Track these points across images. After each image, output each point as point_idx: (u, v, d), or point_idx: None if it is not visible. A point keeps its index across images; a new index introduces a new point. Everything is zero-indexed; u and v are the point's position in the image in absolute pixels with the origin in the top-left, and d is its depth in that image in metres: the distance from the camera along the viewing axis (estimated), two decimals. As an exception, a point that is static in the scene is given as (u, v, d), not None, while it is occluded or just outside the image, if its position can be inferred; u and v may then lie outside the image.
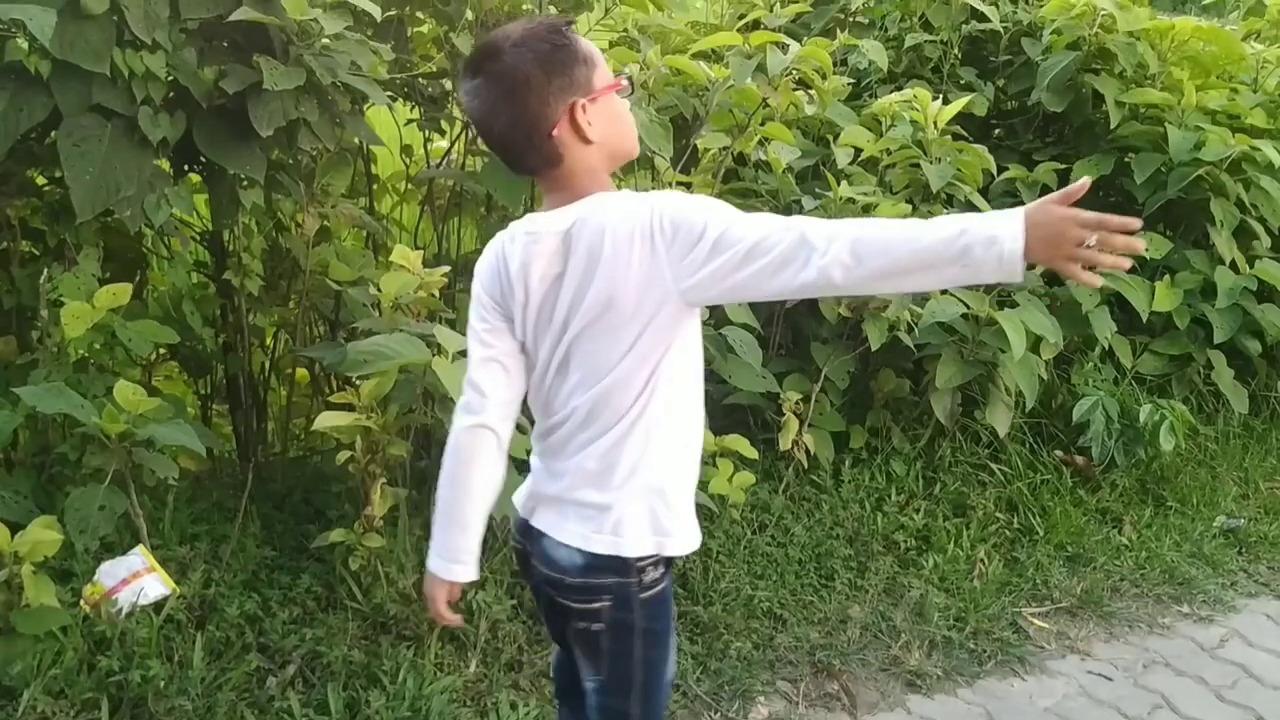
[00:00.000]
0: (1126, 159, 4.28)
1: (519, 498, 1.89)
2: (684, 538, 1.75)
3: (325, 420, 2.64)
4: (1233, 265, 4.23)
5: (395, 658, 2.62)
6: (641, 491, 1.70)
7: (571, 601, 1.75)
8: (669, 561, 1.77)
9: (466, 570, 1.83)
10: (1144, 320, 4.13)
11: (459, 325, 3.72)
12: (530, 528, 1.82)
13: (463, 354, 2.59)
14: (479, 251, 3.78)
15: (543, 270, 1.68)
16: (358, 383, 2.72)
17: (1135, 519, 3.80)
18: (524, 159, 1.69)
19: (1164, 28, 4.31)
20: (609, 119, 1.68)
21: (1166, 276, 4.19)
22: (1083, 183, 1.50)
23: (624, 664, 1.78)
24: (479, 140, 3.68)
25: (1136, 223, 1.49)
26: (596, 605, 1.73)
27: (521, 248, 1.71)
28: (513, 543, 1.94)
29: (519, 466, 2.79)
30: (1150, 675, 3.07)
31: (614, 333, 1.64)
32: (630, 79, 1.78)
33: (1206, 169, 4.13)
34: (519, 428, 1.89)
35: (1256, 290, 4.25)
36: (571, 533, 1.73)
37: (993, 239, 1.46)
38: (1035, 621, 3.24)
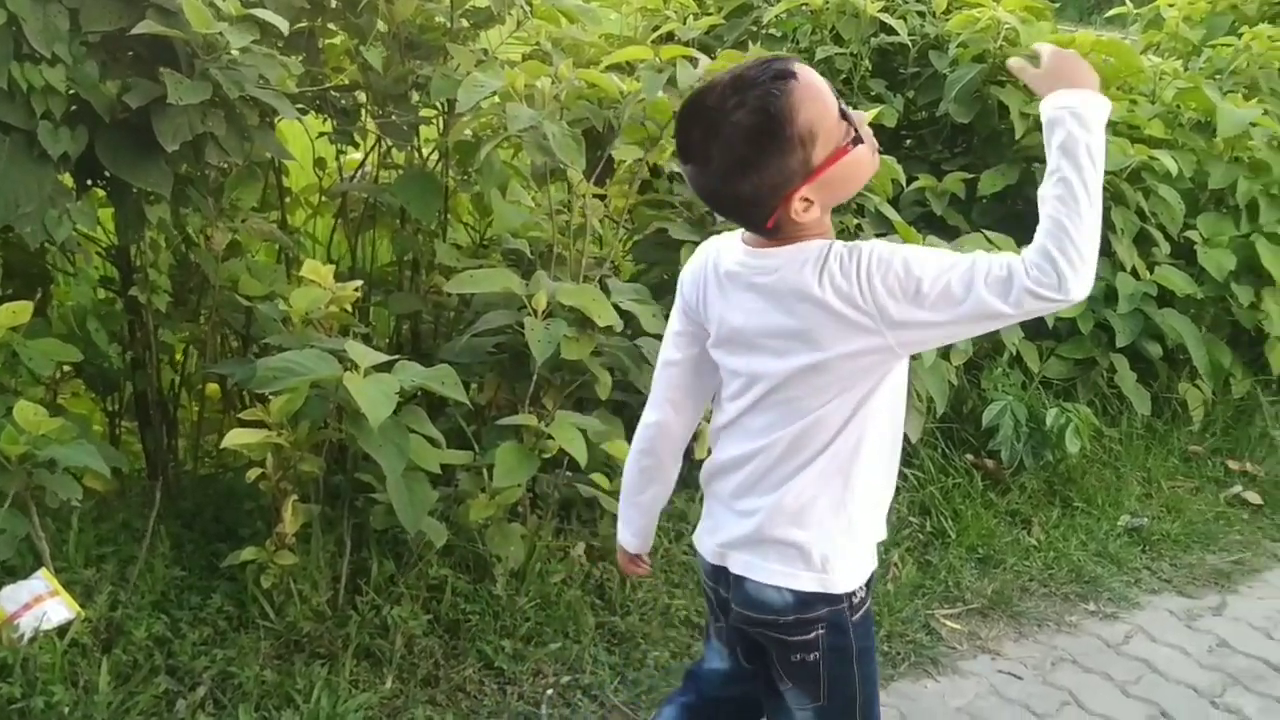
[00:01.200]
0: (1031, 168, 4.37)
1: (702, 542, 1.89)
2: (874, 558, 1.81)
3: (235, 438, 2.61)
4: (1133, 271, 4.35)
5: (309, 676, 2.60)
6: (846, 527, 1.72)
7: (786, 636, 1.76)
8: (870, 581, 1.80)
9: (634, 544, 2.06)
10: (1050, 326, 4.24)
11: (374, 340, 3.73)
12: (723, 572, 1.82)
13: (375, 369, 2.59)
14: (394, 265, 3.84)
15: None
16: (271, 398, 2.70)
17: (1043, 520, 3.89)
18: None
19: (1065, 41, 4.41)
20: (833, 186, 1.63)
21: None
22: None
23: (845, 687, 1.79)
24: (393, 153, 3.68)
25: None
26: (813, 635, 1.75)
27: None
28: (704, 587, 1.95)
29: (434, 480, 2.81)
30: (1058, 673, 3.14)
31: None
32: (855, 128, 1.61)
33: (1108, 179, 4.23)
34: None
35: (1157, 295, 4.38)
36: (777, 573, 1.73)
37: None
38: (947, 623, 3.30)
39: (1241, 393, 4.77)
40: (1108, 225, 4.29)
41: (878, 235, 3.85)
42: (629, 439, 3.21)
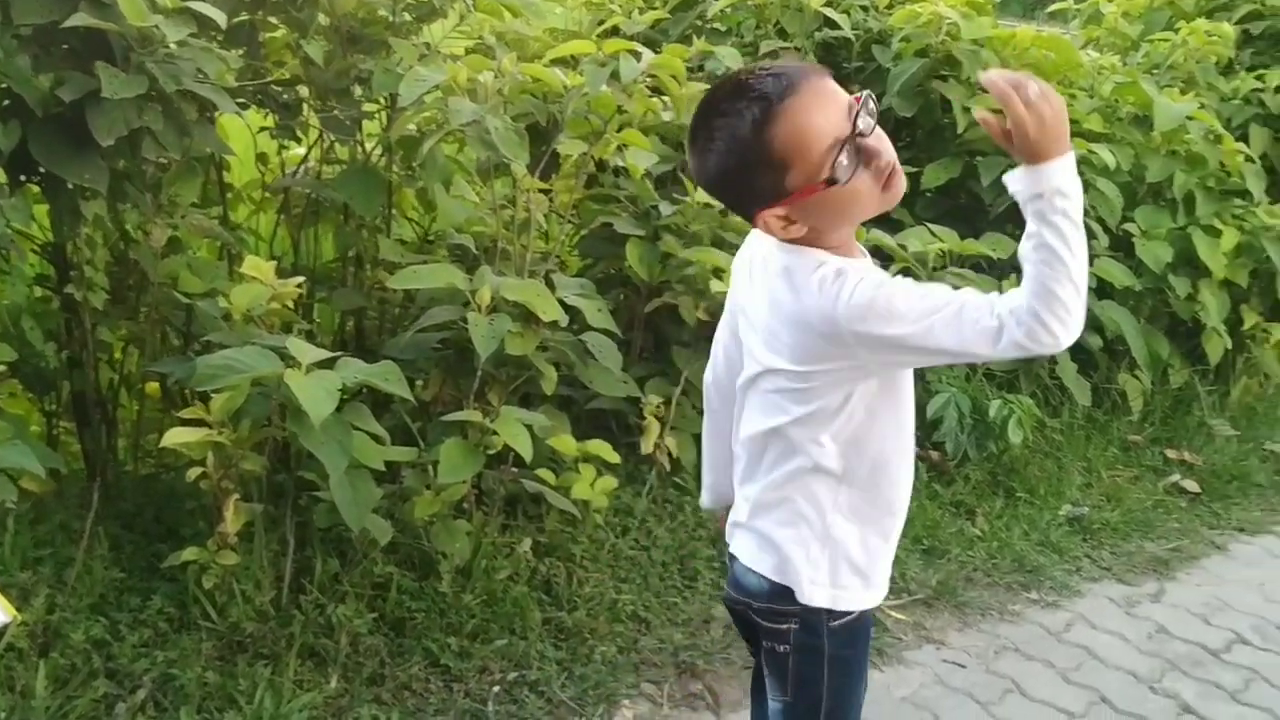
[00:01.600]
0: (974, 162, 4.41)
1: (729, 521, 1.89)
2: (864, 594, 1.74)
3: (174, 437, 2.58)
4: (1074, 264, 4.40)
5: (252, 677, 2.57)
6: (821, 538, 1.69)
7: (763, 622, 1.77)
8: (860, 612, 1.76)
9: (708, 500, 2.09)
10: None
11: (318, 336, 3.70)
12: (731, 552, 1.85)
13: (318, 366, 2.57)
14: (338, 261, 3.80)
15: None
16: (213, 396, 2.66)
17: (987, 510, 3.94)
18: None
19: (1006, 36, 4.47)
20: (821, 213, 1.57)
21: (1013, 275, 4.33)
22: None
23: (812, 688, 1.77)
24: (336, 148, 3.64)
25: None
26: (784, 627, 1.74)
27: None
28: None
29: (378, 478, 2.79)
30: (1001, 661, 3.18)
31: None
32: (835, 171, 1.53)
33: (1047, 172, 4.28)
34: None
35: (1096, 287, 4.44)
36: (759, 560, 1.74)
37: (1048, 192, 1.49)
38: (893, 614, 3.33)
39: (1179, 383, 4.86)
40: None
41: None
42: (575, 434, 3.23)
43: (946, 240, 3.87)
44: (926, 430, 4.04)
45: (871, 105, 1.54)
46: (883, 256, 3.82)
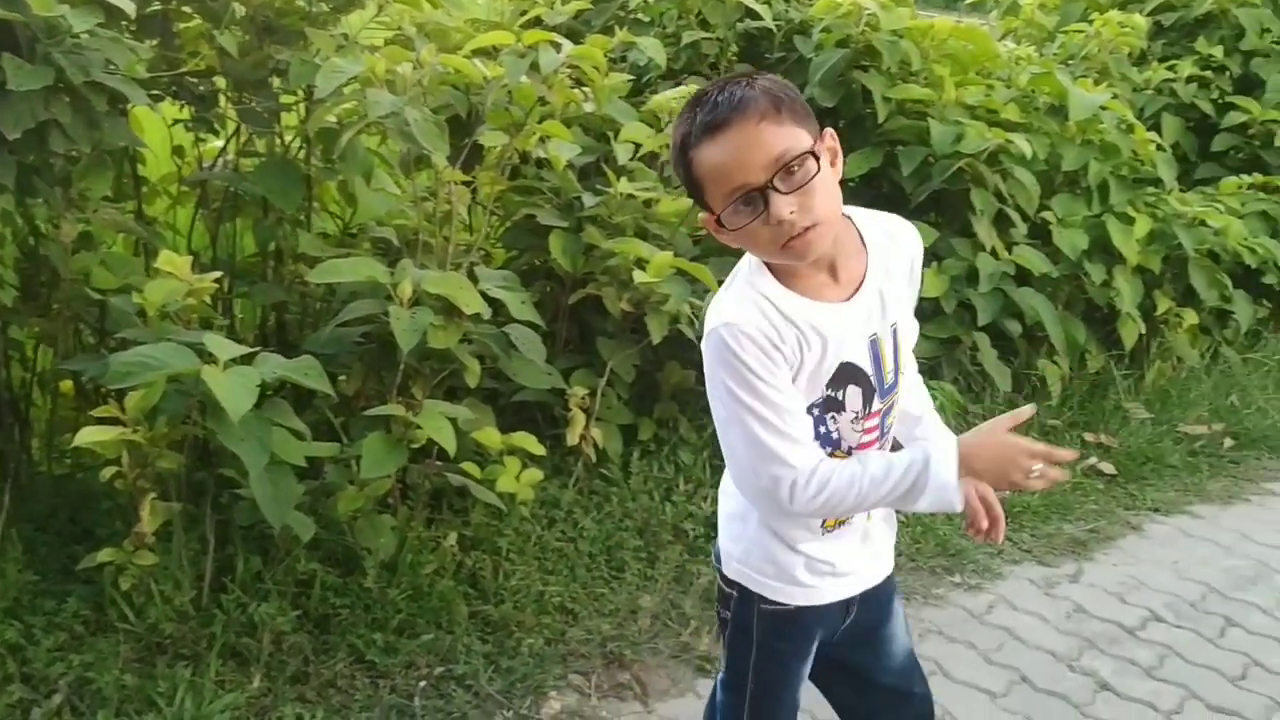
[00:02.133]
0: (895, 151, 4.46)
1: None
2: (786, 589, 1.80)
3: (87, 435, 2.53)
4: (993, 252, 4.48)
5: (172, 679, 2.54)
6: (755, 532, 1.79)
7: (719, 585, 1.88)
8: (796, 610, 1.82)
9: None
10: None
11: (239, 332, 3.64)
12: None
13: (236, 362, 2.54)
14: (259, 255, 3.75)
15: None
16: (129, 394, 2.62)
17: (912, 496, 3.98)
18: None
19: (924, 27, 4.52)
20: (736, 238, 1.59)
21: (934, 263, 4.40)
22: (1029, 409, 1.67)
23: (739, 663, 1.87)
24: (254, 141, 3.59)
25: (1073, 454, 1.64)
26: (728, 593, 1.85)
27: None
28: None
29: (300, 474, 2.76)
30: (925, 644, 3.22)
31: None
32: (721, 217, 1.57)
33: (966, 161, 4.36)
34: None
35: (1015, 274, 4.52)
36: (721, 530, 1.87)
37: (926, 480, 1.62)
38: (818, 600, 3.36)
39: (1096, 368, 4.95)
40: (968, 207, 4.41)
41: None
42: (501, 426, 3.22)
43: (868, 229, 3.91)
44: (850, 418, 4.07)
45: (807, 167, 1.53)
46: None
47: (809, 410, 1.67)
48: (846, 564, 1.82)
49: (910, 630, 2.03)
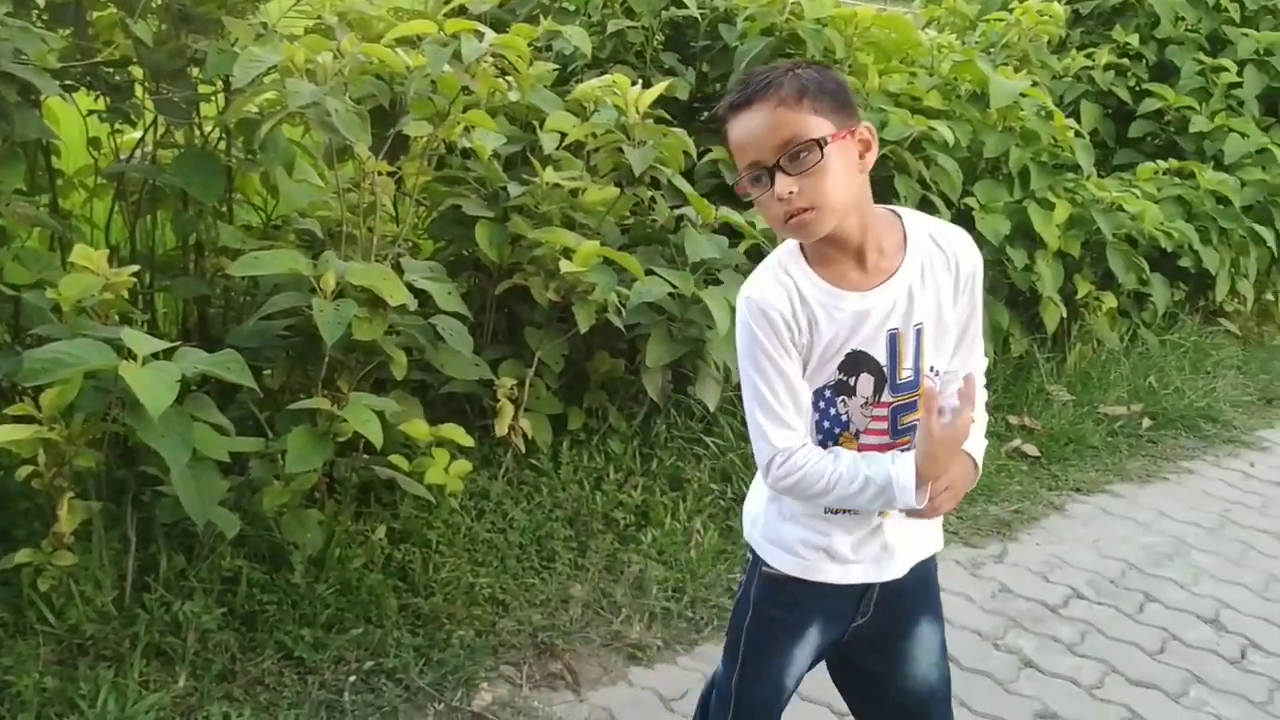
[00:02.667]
0: (820, 140, 4.49)
1: None
2: (784, 560, 1.89)
3: (1, 434, 2.47)
4: (917, 238, 4.52)
5: (94, 680, 2.49)
6: (775, 507, 1.90)
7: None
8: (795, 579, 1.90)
9: None
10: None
11: (161, 326, 3.58)
12: None
13: (155, 357, 2.49)
14: (179, 249, 3.68)
15: None
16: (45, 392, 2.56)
17: (840, 480, 4.02)
18: None
19: (848, 15, 4.56)
20: (756, 207, 1.73)
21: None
22: (930, 390, 1.73)
23: (736, 627, 1.98)
24: (173, 132, 3.53)
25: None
26: (747, 558, 2.00)
27: None
28: None
29: (225, 470, 2.72)
30: (853, 626, 3.26)
31: None
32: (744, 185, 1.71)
33: (890, 148, 4.40)
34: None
35: (940, 260, 4.57)
36: (748, 497, 2.02)
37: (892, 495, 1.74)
38: (749, 585, 3.39)
39: (1020, 351, 5.04)
40: (892, 194, 4.46)
41: (673, 208, 3.91)
42: (429, 418, 3.20)
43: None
44: (779, 404, 4.10)
45: (813, 154, 1.62)
46: (732, 233, 3.88)
47: (823, 391, 1.77)
48: (848, 550, 1.86)
49: (946, 675, 2.00)
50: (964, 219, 4.78)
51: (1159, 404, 5.10)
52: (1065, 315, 5.05)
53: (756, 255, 3.96)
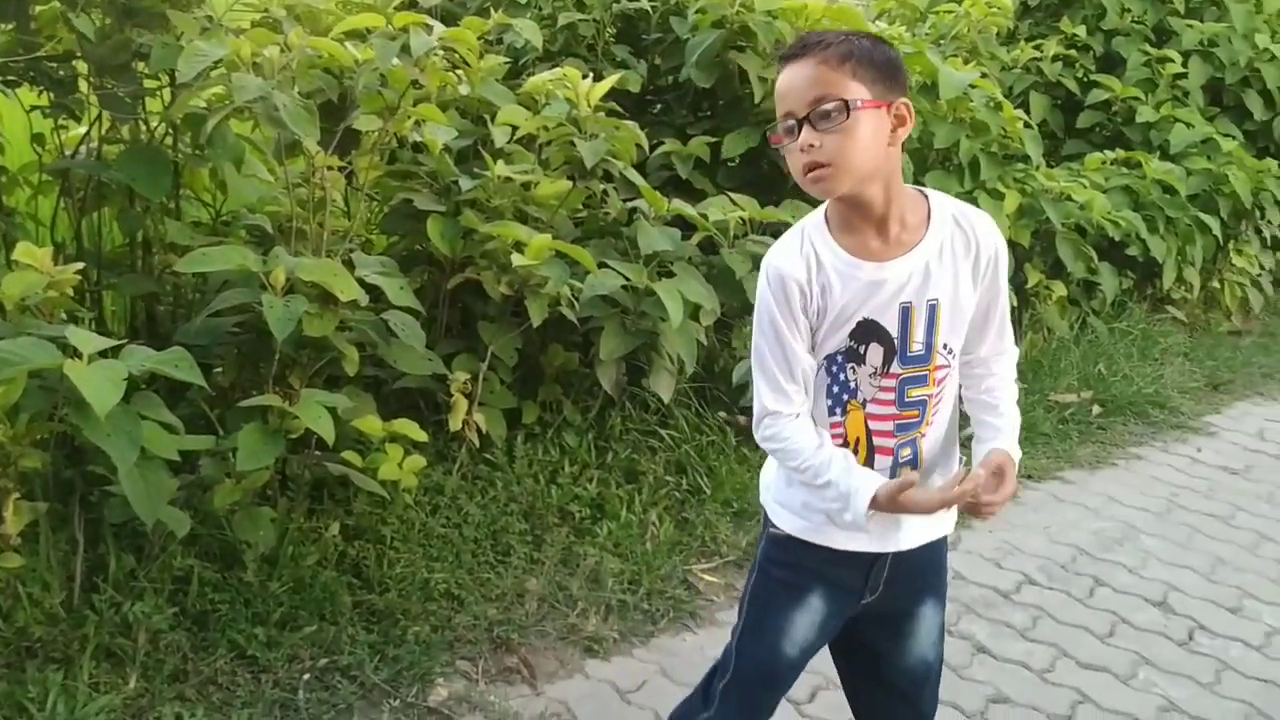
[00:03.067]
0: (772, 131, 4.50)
1: None
2: (788, 520, 1.94)
3: (-57, 436, 2.44)
4: (870, 228, 4.55)
5: (43, 683, 2.46)
6: (784, 475, 1.95)
7: None
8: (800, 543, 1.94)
9: None
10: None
11: (110, 324, 3.54)
12: None
13: (102, 355, 2.46)
14: (126, 246, 3.64)
15: None
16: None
17: (794, 471, 4.04)
18: None
19: (798, 7, 4.55)
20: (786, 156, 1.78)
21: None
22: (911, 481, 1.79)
23: (746, 586, 2.06)
24: (119, 127, 3.48)
25: (966, 489, 1.76)
26: (762, 523, 2.04)
27: None
28: None
29: (175, 469, 2.70)
30: (809, 616, 3.28)
31: None
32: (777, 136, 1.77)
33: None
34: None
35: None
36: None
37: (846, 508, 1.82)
38: (705, 577, 3.41)
39: (972, 340, 5.08)
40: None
41: (625, 201, 3.91)
42: (383, 414, 3.19)
43: (747, 209, 3.94)
44: (734, 395, 4.13)
45: (839, 114, 1.67)
46: (685, 226, 3.89)
47: (834, 356, 1.83)
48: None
49: (941, 656, 2.06)
50: (915, 210, 4.82)
51: (1108, 391, 5.17)
52: (1016, 304, 5.09)
53: (709, 247, 3.99)
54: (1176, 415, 5.14)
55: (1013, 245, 4.99)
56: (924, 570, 1.97)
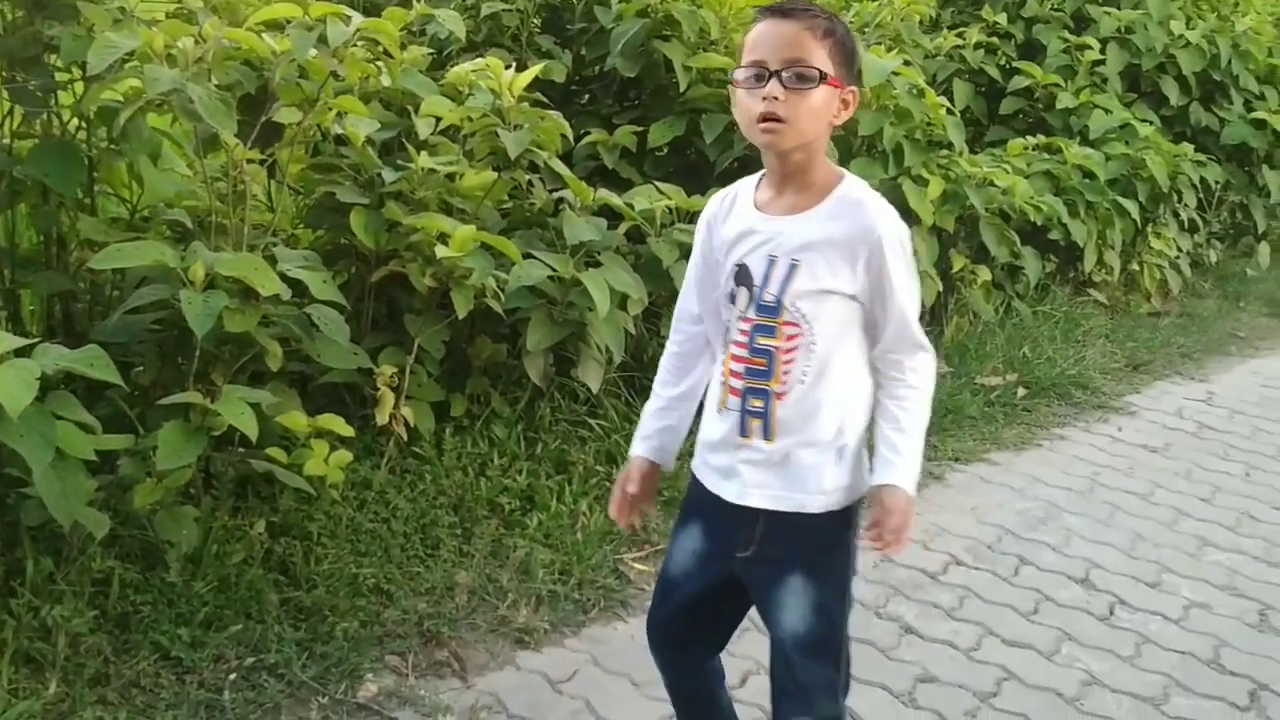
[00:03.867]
0: (698, 119, 4.51)
1: None
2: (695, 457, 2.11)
3: None
4: (795, 216, 4.58)
5: (-41, 690, 2.41)
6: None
7: None
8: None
9: None
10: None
11: (26, 324, 3.46)
12: None
13: (11, 354, 2.41)
14: (41, 244, 3.56)
15: None
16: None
17: (725, 458, 4.06)
18: None
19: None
20: (736, 102, 1.91)
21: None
22: None
23: None
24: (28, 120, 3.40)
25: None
26: None
27: None
28: None
29: (94, 469, 2.64)
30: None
31: None
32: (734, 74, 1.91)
33: (766, 128, 4.44)
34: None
35: (818, 238, 4.63)
36: None
37: None
38: (636, 566, 3.41)
39: (899, 325, 5.13)
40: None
41: (551, 191, 3.90)
42: (310, 409, 3.16)
43: (674, 197, 3.95)
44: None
45: (811, 81, 1.83)
46: (611, 215, 3.89)
47: (723, 296, 2.01)
48: (720, 457, 2.02)
49: (817, 633, 2.02)
50: (841, 197, 4.85)
51: (1033, 373, 5.25)
52: (942, 289, 5.16)
53: (636, 237, 3.99)
54: (1098, 395, 5.24)
55: (937, 231, 5.06)
56: (801, 545, 1.99)
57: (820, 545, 2.02)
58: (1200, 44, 6.83)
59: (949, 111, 5.28)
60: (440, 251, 3.25)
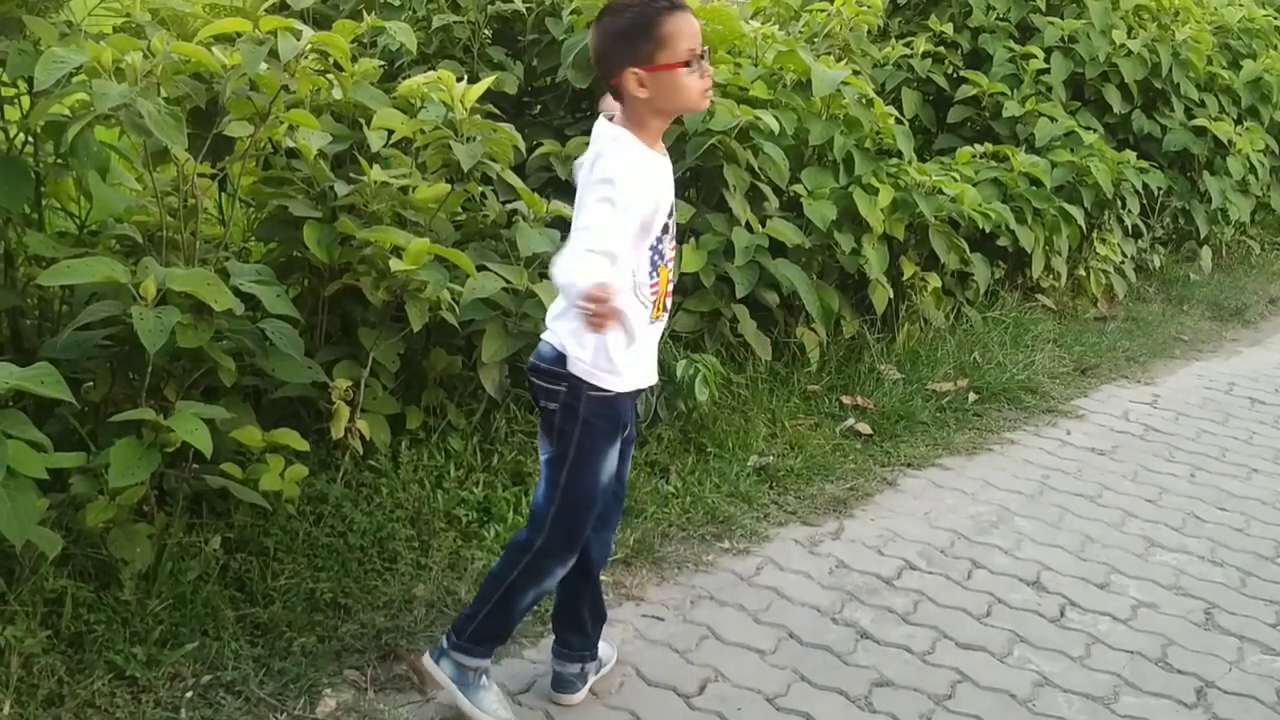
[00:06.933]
0: (650, 131, 4.54)
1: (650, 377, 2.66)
2: (614, 382, 2.47)
3: None
4: (748, 225, 4.63)
5: (-91, 714, 2.38)
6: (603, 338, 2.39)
7: (541, 383, 2.52)
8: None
9: None
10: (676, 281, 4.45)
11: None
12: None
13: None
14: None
15: None
16: None
17: (680, 467, 4.10)
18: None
19: (672, 8, 4.61)
20: (663, 88, 2.32)
21: (692, 239, 4.51)
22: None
23: (565, 441, 2.50)
24: None
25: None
26: (557, 389, 2.49)
27: None
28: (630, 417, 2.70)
29: (45, 488, 2.62)
30: (697, 610, 3.33)
31: None
32: (692, 63, 2.33)
33: (718, 138, 4.49)
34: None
35: (770, 247, 4.68)
36: (553, 330, 2.52)
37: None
38: (593, 575, 3.42)
39: (851, 333, 5.19)
40: (721, 182, 4.55)
41: (504, 203, 3.91)
42: (265, 424, 3.15)
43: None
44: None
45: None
46: (565, 227, 3.88)
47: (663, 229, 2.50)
48: (639, 363, 2.53)
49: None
50: (793, 205, 4.91)
51: (983, 378, 5.31)
52: (893, 296, 5.22)
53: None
54: (1047, 400, 5.30)
55: (888, 239, 5.10)
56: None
57: None
58: (1142, 53, 6.95)
59: (898, 121, 5.35)
60: (394, 265, 3.25)
